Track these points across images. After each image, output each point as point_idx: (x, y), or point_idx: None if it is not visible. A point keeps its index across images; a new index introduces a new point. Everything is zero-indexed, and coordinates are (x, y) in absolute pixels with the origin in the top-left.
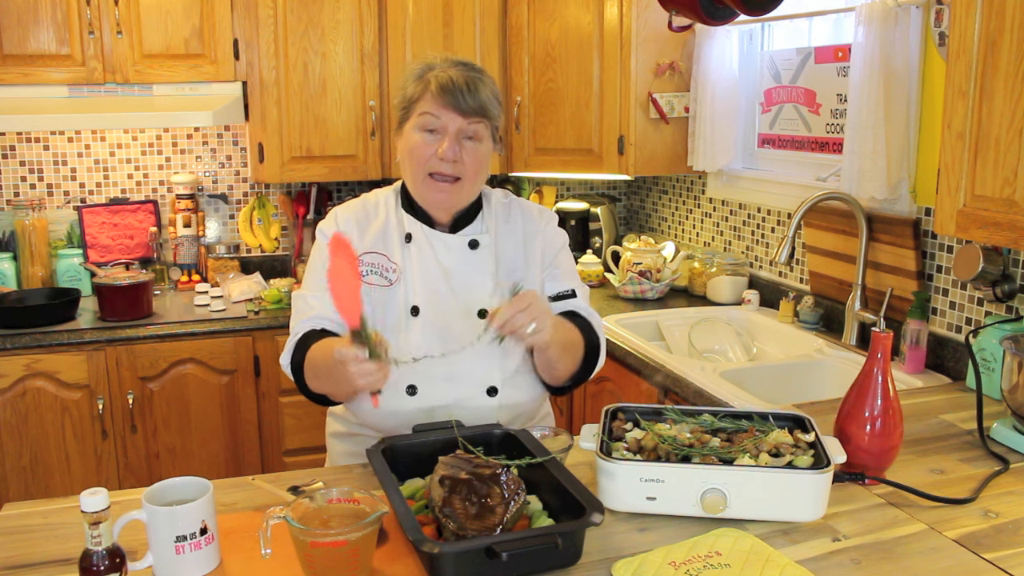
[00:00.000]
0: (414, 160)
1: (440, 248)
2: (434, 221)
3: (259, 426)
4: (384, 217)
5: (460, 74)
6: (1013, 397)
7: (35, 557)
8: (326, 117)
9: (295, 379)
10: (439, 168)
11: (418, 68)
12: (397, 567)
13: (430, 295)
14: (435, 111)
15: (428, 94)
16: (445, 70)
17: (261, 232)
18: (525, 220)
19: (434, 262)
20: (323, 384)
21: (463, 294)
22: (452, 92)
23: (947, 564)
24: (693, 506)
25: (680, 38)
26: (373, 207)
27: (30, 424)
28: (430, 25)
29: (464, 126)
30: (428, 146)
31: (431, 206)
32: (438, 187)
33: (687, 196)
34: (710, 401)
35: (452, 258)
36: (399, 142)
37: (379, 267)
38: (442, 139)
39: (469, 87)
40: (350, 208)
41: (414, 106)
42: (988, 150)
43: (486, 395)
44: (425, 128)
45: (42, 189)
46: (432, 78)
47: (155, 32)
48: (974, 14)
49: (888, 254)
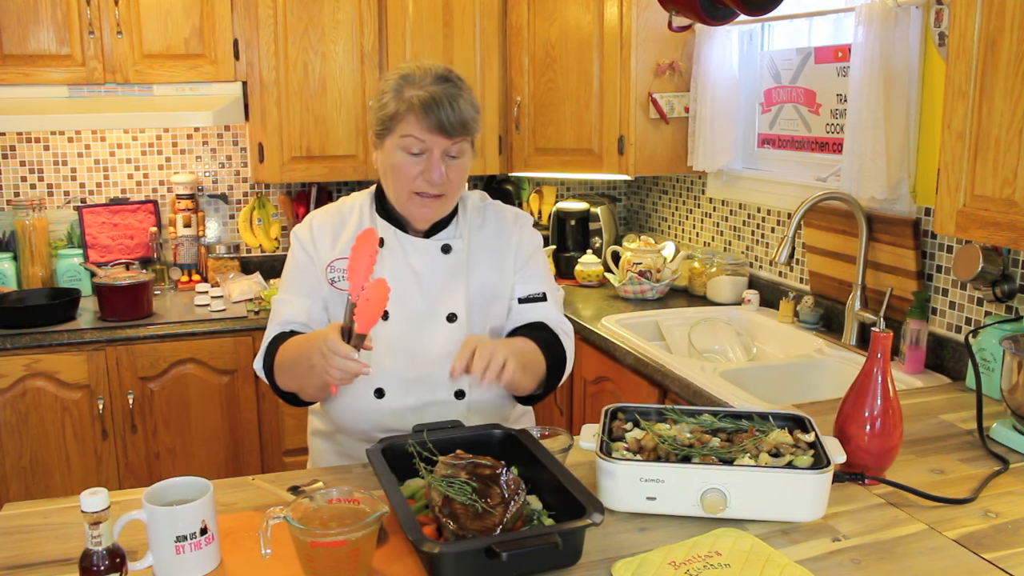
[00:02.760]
0: (399, 179)
1: (412, 252)
2: (407, 226)
3: (259, 426)
4: (357, 222)
5: (441, 91)
6: (1013, 397)
7: (35, 557)
8: (326, 117)
9: (268, 380)
10: (425, 189)
11: (395, 81)
12: (397, 567)
13: (399, 299)
14: (419, 135)
15: (412, 116)
16: (425, 88)
17: (261, 232)
18: (499, 224)
19: (405, 266)
20: (290, 379)
21: (432, 298)
22: (436, 114)
23: (947, 564)
24: (693, 506)
25: (680, 38)
26: (348, 212)
27: (30, 424)
28: (430, 25)
29: (448, 147)
30: (413, 167)
31: (414, 219)
32: (423, 203)
33: (687, 196)
34: (710, 401)
35: (424, 262)
36: (378, 155)
37: None
38: (427, 161)
39: (452, 106)
40: (327, 214)
41: (395, 125)
42: (988, 150)
43: (454, 398)
44: (409, 150)
45: (42, 189)
46: (415, 99)
47: (155, 32)
48: (974, 14)
49: (888, 254)
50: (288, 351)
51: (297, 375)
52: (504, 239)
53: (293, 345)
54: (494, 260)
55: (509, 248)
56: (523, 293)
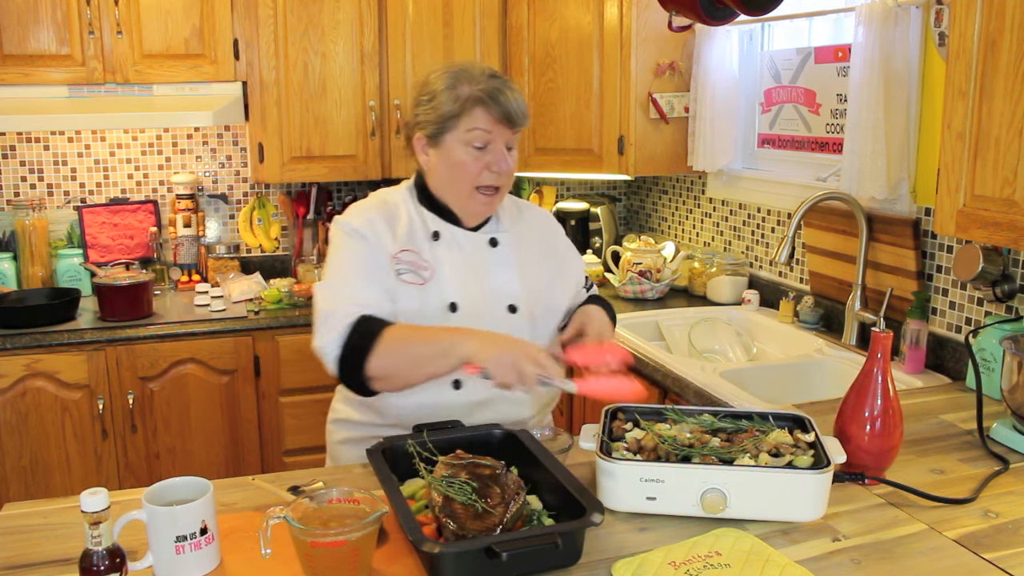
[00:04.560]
0: (463, 176)
1: (466, 245)
2: (458, 220)
3: (259, 426)
4: (407, 216)
5: (500, 84)
6: (1013, 397)
7: (35, 557)
8: (326, 117)
9: (345, 364)
10: (489, 182)
11: (446, 81)
12: (397, 567)
13: (465, 291)
14: (487, 126)
15: (479, 109)
16: (483, 83)
17: (261, 232)
18: (533, 217)
19: (463, 259)
20: (403, 361)
21: (492, 290)
22: (503, 106)
23: (947, 564)
24: (693, 506)
25: (680, 38)
26: (393, 206)
27: (30, 424)
28: (430, 25)
29: (510, 137)
30: (477, 161)
31: (472, 214)
32: (483, 199)
33: (687, 196)
34: (710, 401)
35: (477, 255)
36: (432, 154)
37: (414, 265)
38: (492, 153)
39: (513, 98)
40: (373, 207)
41: (458, 121)
42: (988, 150)
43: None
44: (474, 143)
45: (42, 189)
46: (479, 92)
47: (155, 32)
48: (974, 14)
49: (888, 254)
50: (417, 335)
51: (419, 359)
52: (541, 231)
53: (422, 330)
54: (540, 250)
55: (549, 239)
56: (586, 281)
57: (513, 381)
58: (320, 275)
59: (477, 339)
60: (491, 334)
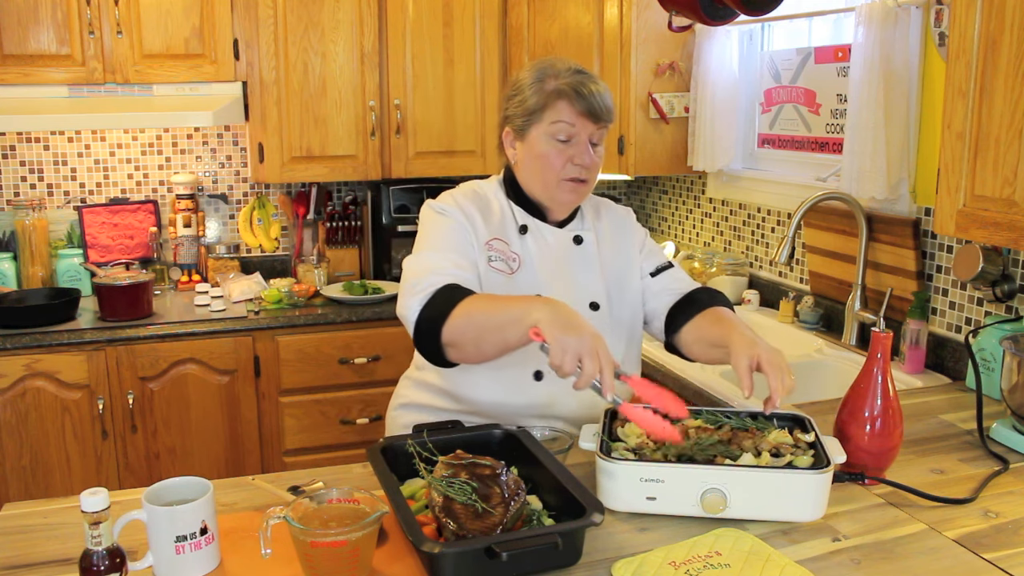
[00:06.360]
0: (547, 168)
1: (551, 241)
2: (545, 216)
3: (259, 426)
4: (499, 207)
5: (586, 78)
6: (1013, 397)
7: (35, 557)
8: (326, 117)
9: (424, 327)
10: (574, 174)
11: (532, 76)
12: (397, 567)
13: (550, 286)
14: (571, 119)
15: (563, 102)
16: (569, 77)
17: (261, 232)
18: (612, 215)
19: (548, 254)
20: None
21: (574, 287)
22: (586, 99)
23: (947, 564)
24: (693, 506)
25: (680, 38)
26: (484, 196)
27: (30, 424)
28: (430, 25)
29: (594, 132)
30: (561, 154)
31: (559, 206)
32: (570, 188)
33: (687, 196)
34: (710, 401)
35: (562, 251)
36: (519, 148)
37: (503, 255)
38: (576, 146)
39: (598, 92)
40: (464, 195)
41: (543, 114)
42: (988, 150)
43: None
44: (557, 136)
45: (42, 189)
46: (563, 86)
47: (155, 32)
48: (974, 14)
49: (888, 254)
50: (495, 301)
51: (492, 325)
52: (622, 229)
53: (502, 298)
54: (619, 250)
55: (628, 237)
56: (652, 267)
57: (568, 370)
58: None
59: (551, 309)
60: (570, 313)
